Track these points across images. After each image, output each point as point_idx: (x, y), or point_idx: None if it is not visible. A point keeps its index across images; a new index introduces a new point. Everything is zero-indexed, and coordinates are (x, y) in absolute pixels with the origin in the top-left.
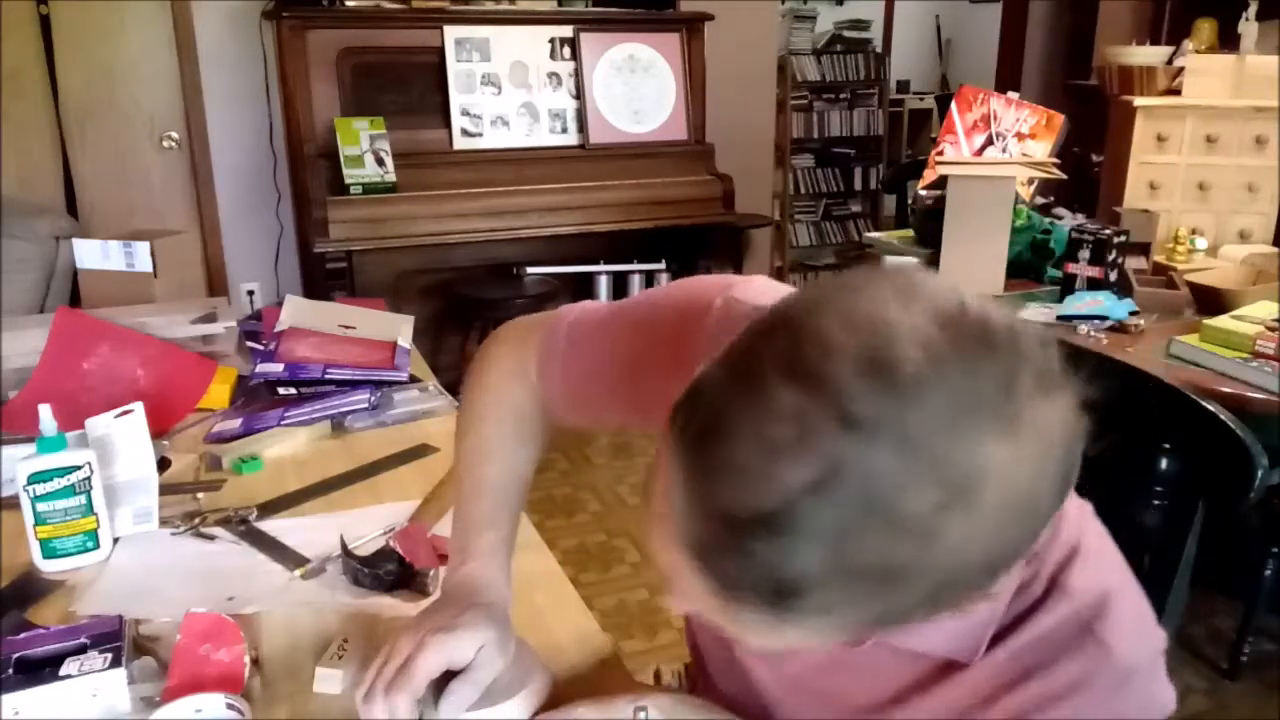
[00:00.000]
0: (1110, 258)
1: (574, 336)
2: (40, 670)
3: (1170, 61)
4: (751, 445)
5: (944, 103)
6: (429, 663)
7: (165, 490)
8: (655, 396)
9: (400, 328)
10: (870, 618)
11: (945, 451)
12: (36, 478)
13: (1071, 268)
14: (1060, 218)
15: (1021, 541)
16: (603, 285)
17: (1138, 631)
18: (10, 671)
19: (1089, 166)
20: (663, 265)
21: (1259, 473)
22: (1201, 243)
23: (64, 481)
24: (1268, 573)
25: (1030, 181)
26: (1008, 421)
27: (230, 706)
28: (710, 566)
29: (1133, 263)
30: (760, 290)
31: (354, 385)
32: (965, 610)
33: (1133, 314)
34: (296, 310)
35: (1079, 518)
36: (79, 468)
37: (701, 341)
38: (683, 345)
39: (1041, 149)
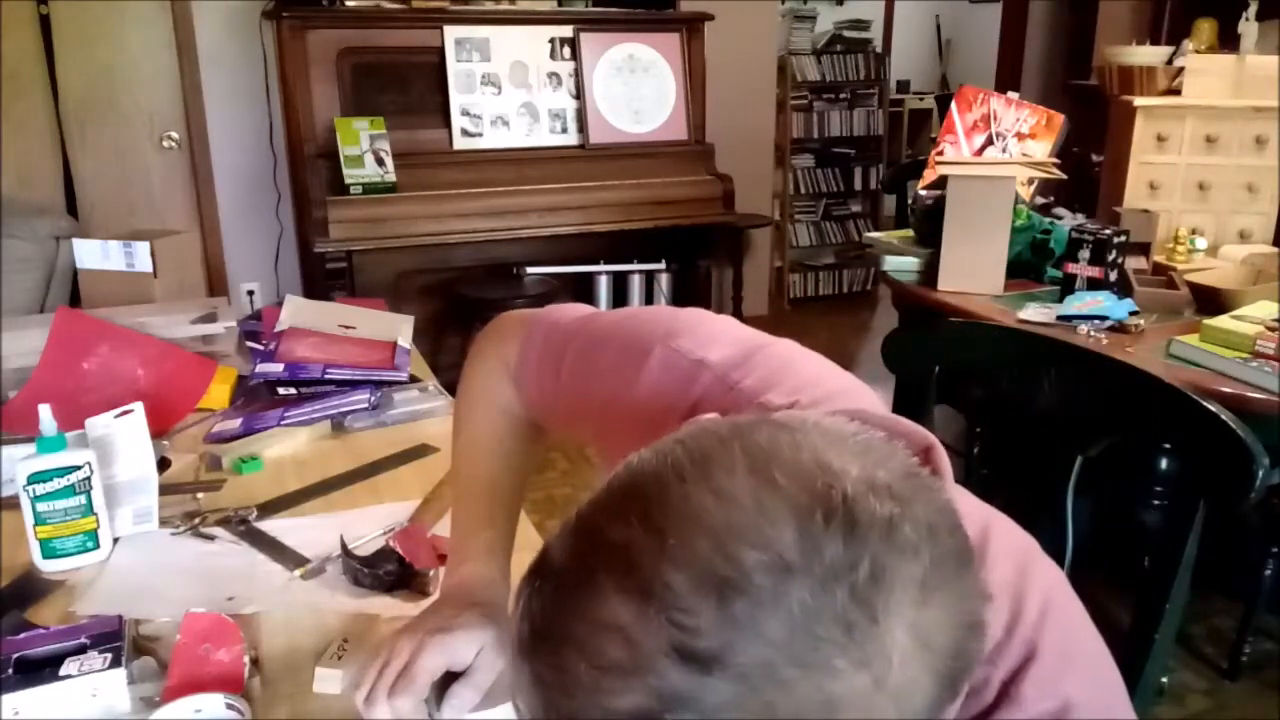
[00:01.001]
0: (1110, 258)
1: (548, 343)
2: (40, 670)
3: (1170, 61)
4: (580, 659)
5: (944, 103)
6: (430, 663)
7: (165, 490)
8: (596, 427)
9: (400, 328)
10: None
11: (788, 687)
12: (36, 478)
13: (1071, 268)
14: (1060, 218)
15: None
16: (603, 285)
17: None
18: (10, 671)
19: (1089, 166)
20: (663, 265)
21: (1259, 473)
22: (1201, 243)
23: (64, 481)
24: (1268, 573)
25: (1030, 181)
26: (866, 643)
27: (230, 706)
28: None
29: (1133, 263)
30: (708, 339)
31: (354, 385)
32: None
33: (1133, 314)
34: (296, 310)
35: (1043, 606)
36: (79, 468)
37: (639, 390)
38: (617, 388)
39: (1041, 149)
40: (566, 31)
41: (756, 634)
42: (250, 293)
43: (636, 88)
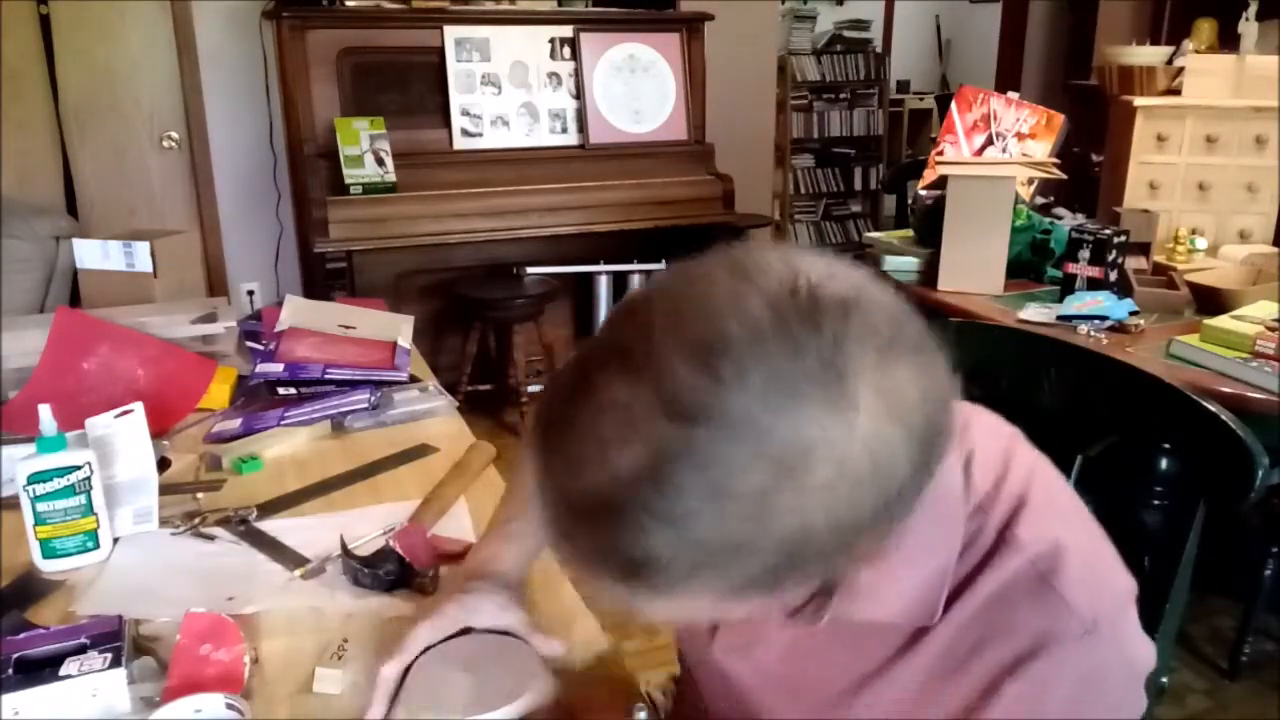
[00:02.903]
0: (1110, 258)
1: None
2: (40, 670)
3: (1170, 61)
4: (585, 436)
5: (944, 103)
6: (421, 634)
7: (165, 490)
8: None
9: (400, 328)
10: (733, 586)
11: (768, 432)
12: (36, 478)
13: (1071, 268)
14: (1060, 218)
15: (878, 507)
16: (603, 285)
17: (1096, 581)
18: (10, 671)
19: (1089, 166)
20: (663, 265)
21: (1259, 473)
22: (1201, 243)
23: (64, 481)
24: (1268, 573)
25: (1030, 181)
26: (836, 396)
27: (230, 706)
28: (567, 548)
29: (1133, 263)
30: None
31: (354, 385)
32: (850, 570)
33: (1133, 314)
34: (296, 310)
35: (1029, 470)
36: (79, 468)
37: None
38: None
39: (1041, 149)
40: (566, 31)
41: (738, 388)
42: (250, 293)
43: (636, 88)
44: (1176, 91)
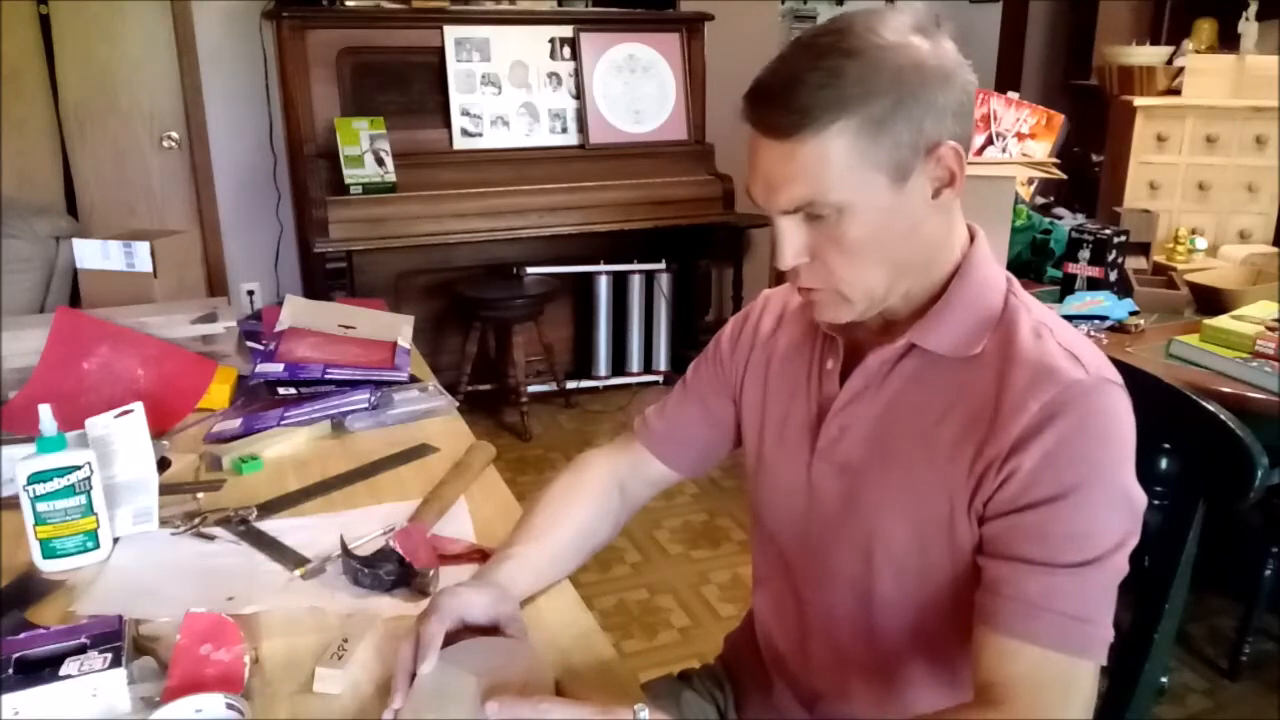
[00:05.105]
0: (1110, 258)
1: (665, 401)
2: (40, 670)
3: (1170, 61)
4: (782, 66)
5: None
6: (432, 629)
7: (165, 490)
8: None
9: (400, 328)
10: (863, 122)
11: (890, 54)
12: (36, 478)
13: (1071, 268)
14: (1060, 218)
15: (936, 97)
16: (603, 285)
17: (1097, 359)
18: (10, 671)
19: (1089, 166)
20: (663, 265)
21: (1259, 473)
22: (1201, 243)
23: (64, 481)
24: (1268, 573)
25: (1030, 181)
26: (928, 36)
27: (230, 706)
28: (765, 119)
29: (1133, 263)
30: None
31: (354, 385)
32: (928, 124)
33: (1133, 314)
34: (296, 310)
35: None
36: (79, 468)
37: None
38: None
39: (1041, 149)
40: (566, 31)
41: (874, 45)
42: (250, 293)
43: (636, 88)
44: (1176, 91)
